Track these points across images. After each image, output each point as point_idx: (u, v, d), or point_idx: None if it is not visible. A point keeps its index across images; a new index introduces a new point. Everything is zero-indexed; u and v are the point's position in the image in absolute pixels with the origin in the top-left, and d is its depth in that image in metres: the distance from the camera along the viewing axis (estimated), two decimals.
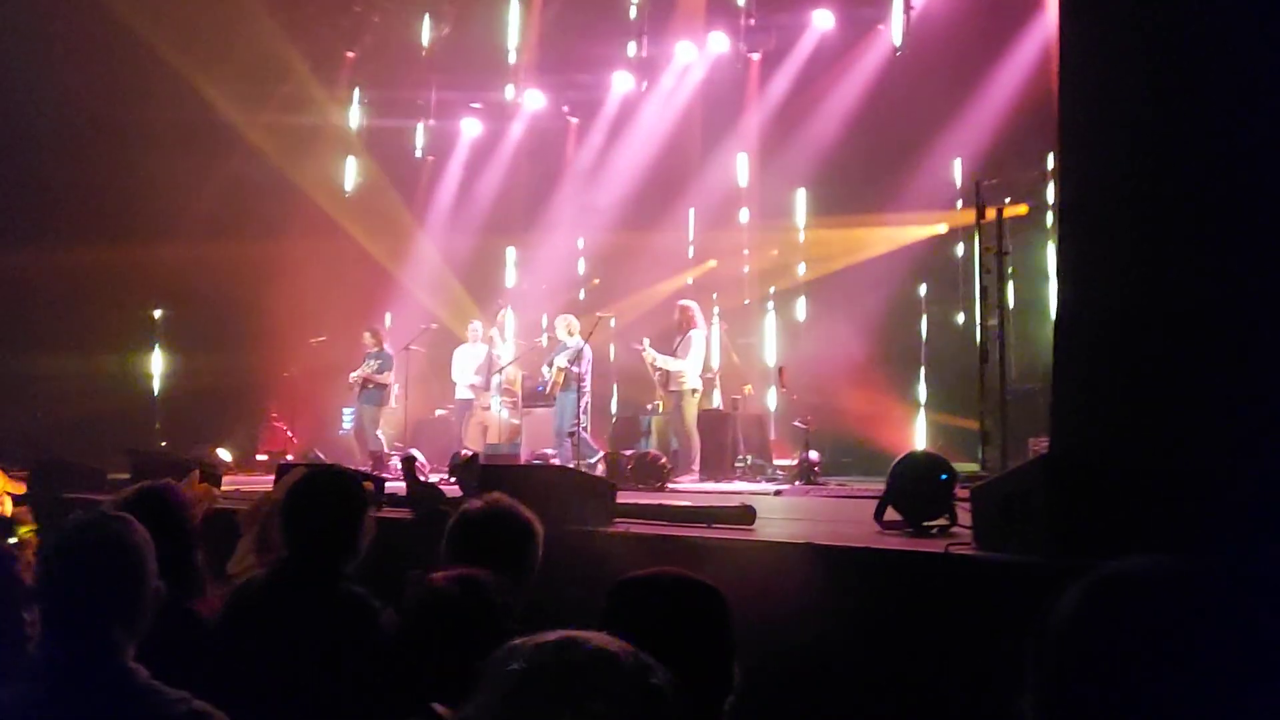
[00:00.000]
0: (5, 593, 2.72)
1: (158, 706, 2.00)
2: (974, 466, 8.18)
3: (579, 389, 10.51)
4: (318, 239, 13.09)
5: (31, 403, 11.04)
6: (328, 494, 3.08)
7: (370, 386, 11.60)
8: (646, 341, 10.55)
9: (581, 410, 10.50)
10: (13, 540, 3.74)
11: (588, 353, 10.59)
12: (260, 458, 12.00)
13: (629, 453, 9.30)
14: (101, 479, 7.75)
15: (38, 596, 2.14)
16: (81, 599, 2.06)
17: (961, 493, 4.93)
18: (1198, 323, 3.68)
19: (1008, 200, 9.59)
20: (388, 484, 6.87)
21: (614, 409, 12.91)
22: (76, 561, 2.10)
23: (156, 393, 12.82)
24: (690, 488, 9.02)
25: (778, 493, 8.42)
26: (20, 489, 5.20)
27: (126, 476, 7.31)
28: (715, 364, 11.53)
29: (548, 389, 11.06)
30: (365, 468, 10.22)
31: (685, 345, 10.42)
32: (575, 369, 10.51)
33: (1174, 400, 3.68)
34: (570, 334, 10.94)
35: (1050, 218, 10.72)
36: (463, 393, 11.99)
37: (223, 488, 7.53)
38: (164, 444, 11.88)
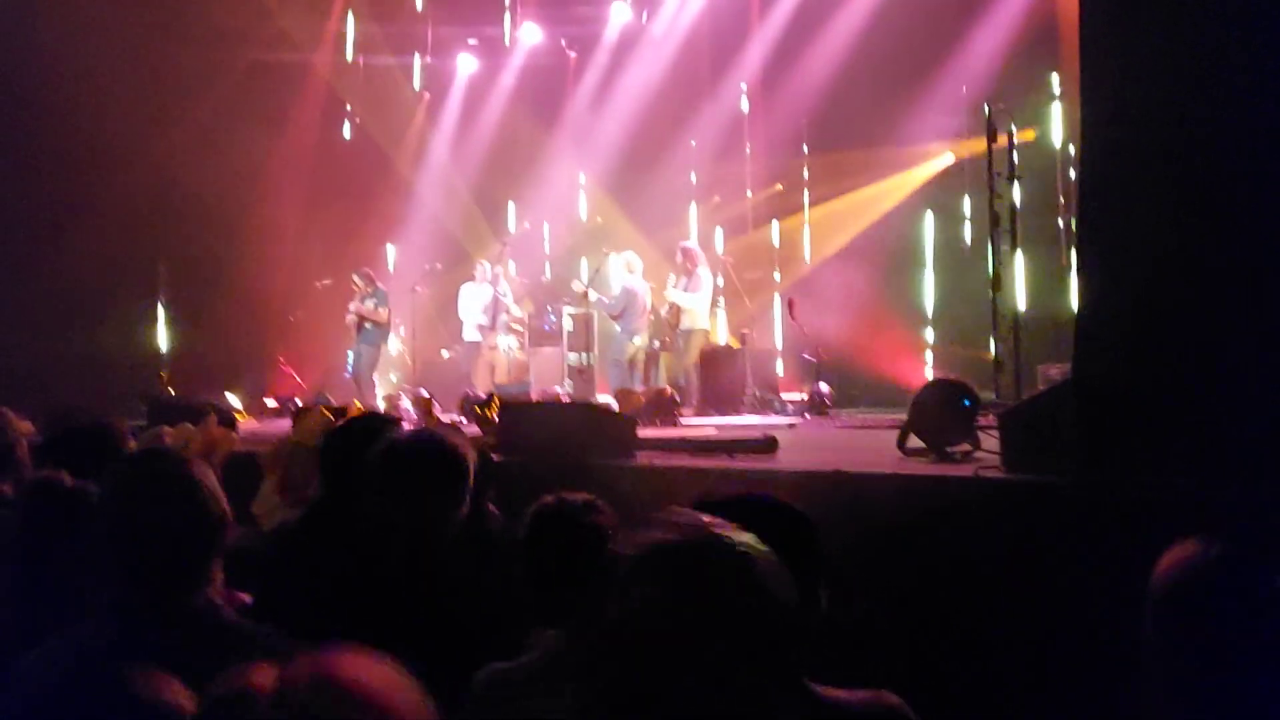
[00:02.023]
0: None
1: (241, 641, 1.99)
2: (989, 394, 8.18)
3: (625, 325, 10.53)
4: (318, 181, 12.96)
5: (38, 353, 11.01)
6: (367, 440, 2.97)
7: (368, 325, 11.52)
8: (672, 279, 10.55)
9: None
10: None
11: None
12: (269, 403, 12.00)
13: (641, 389, 9.30)
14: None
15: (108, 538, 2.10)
16: (152, 537, 2.04)
17: (982, 419, 4.95)
18: (1226, 243, 3.65)
19: (1015, 125, 9.50)
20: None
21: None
22: (143, 499, 2.08)
23: (163, 342, 12.78)
24: (704, 422, 9.04)
25: (791, 425, 8.43)
26: None
27: (143, 424, 7.31)
28: (721, 299, 11.51)
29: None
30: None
31: (694, 283, 10.39)
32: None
33: (1200, 320, 3.66)
34: (630, 271, 10.86)
35: (1058, 141, 10.65)
36: (470, 333, 11.96)
37: (236, 429, 7.55)
38: (173, 391, 11.88)
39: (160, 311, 12.76)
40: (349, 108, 13.99)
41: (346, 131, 13.99)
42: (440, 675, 2.34)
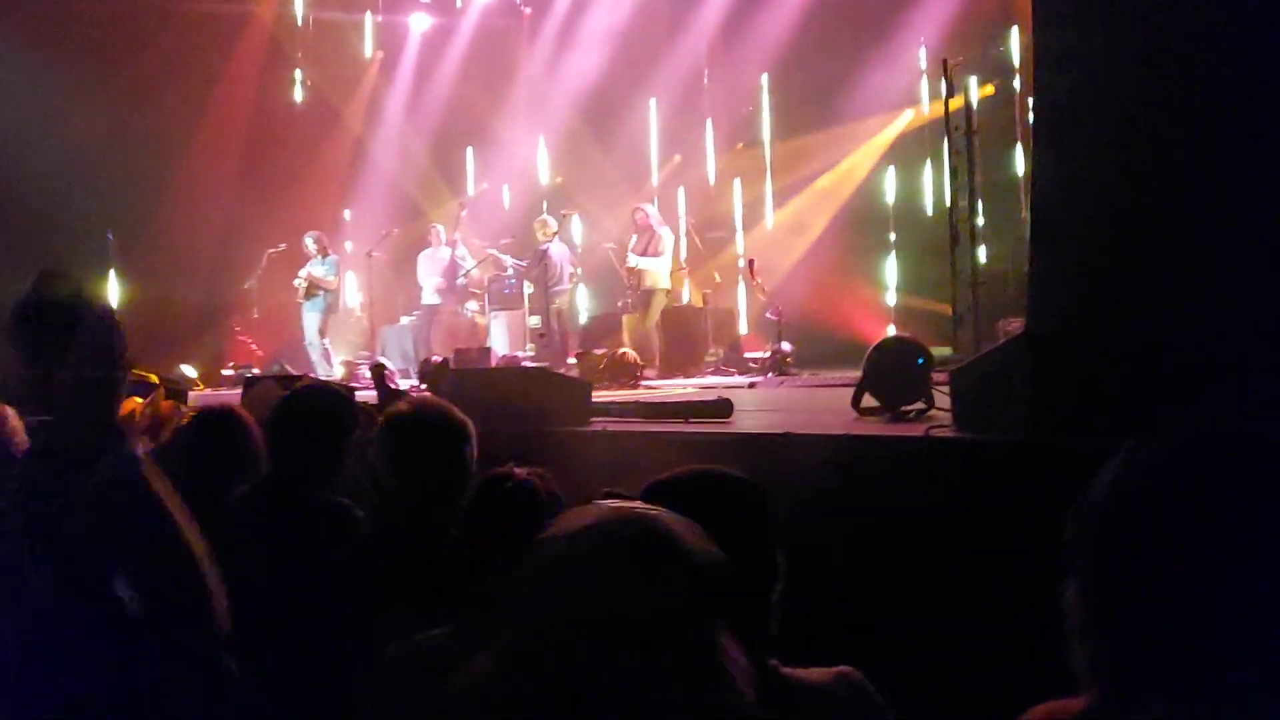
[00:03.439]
0: None
1: None
2: (947, 350, 8.18)
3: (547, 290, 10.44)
4: (270, 145, 12.70)
5: None
6: (313, 413, 3.01)
7: (318, 293, 11.36)
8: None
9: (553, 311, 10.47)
10: None
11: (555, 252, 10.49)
12: (226, 372, 11.83)
13: (600, 352, 9.23)
14: None
15: None
16: None
17: (938, 376, 4.93)
18: (1178, 194, 3.61)
19: (974, 78, 9.45)
20: (358, 393, 6.77)
21: (584, 309, 12.80)
22: None
23: (118, 309, 12.54)
24: (664, 384, 8.99)
25: (752, 384, 8.41)
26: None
27: None
28: (683, 260, 11.45)
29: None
30: (328, 378, 10.12)
31: (654, 244, 10.32)
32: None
33: (1152, 273, 3.63)
34: (544, 234, 10.77)
35: (1016, 96, 10.60)
36: (429, 297, 11.81)
37: (189, 403, 7.42)
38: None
39: (112, 282, 12.51)
40: (300, 68, 13.68)
41: (298, 94, 13.68)
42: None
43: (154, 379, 5.68)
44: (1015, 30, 10.51)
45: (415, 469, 2.73)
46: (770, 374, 9.12)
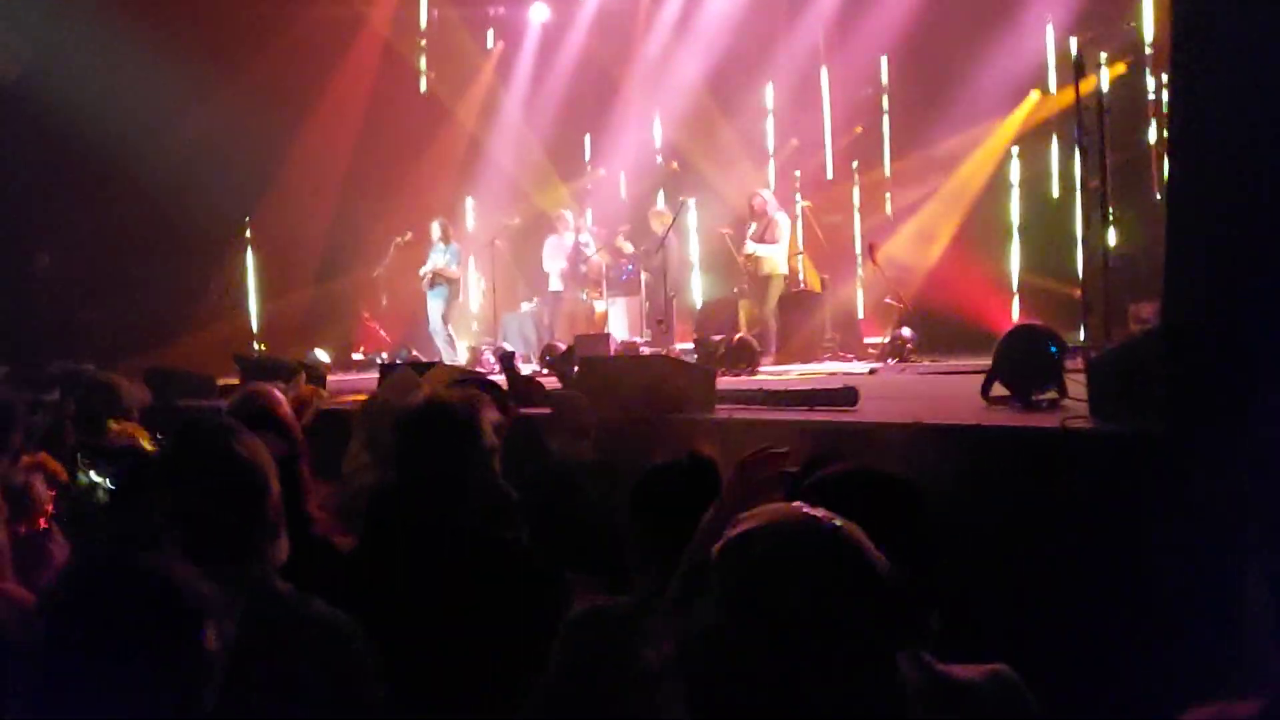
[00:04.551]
0: None
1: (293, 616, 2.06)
2: (1077, 335, 8.00)
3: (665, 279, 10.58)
4: (391, 138, 13.08)
5: (130, 305, 11.36)
6: (439, 433, 2.81)
7: (441, 281, 11.64)
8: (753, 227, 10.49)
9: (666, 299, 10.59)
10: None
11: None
12: (356, 357, 12.29)
13: (718, 338, 9.28)
14: (212, 385, 7.97)
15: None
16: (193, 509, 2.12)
17: (1070, 364, 4.85)
18: None
19: (1104, 55, 9.17)
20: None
21: (699, 294, 12.87)
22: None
23: (253, 301, 13.11)
24: (783, 370, 9.00)
25: (872, 371, 8.36)
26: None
27: (235, 382, 7.54)
28: (800, 244, 11.40)
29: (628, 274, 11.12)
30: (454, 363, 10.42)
31: (771, 230, 10.32)
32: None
33: None
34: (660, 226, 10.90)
35: (1149, 75, 10.24)
36: (554, 283, 12.06)
37: (325, 386, 7.75)
38: (263, 347, 12.22)
39: (250, 272, 13.09)
40: (421, 61, 14.04)
41: (421, 85, 14.04)
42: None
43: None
44: (1148, 3, 10.15)
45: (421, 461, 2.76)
46: (891, 360, 9.04)
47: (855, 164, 12.61)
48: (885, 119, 12.38)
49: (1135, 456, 3.41)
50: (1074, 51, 8.46)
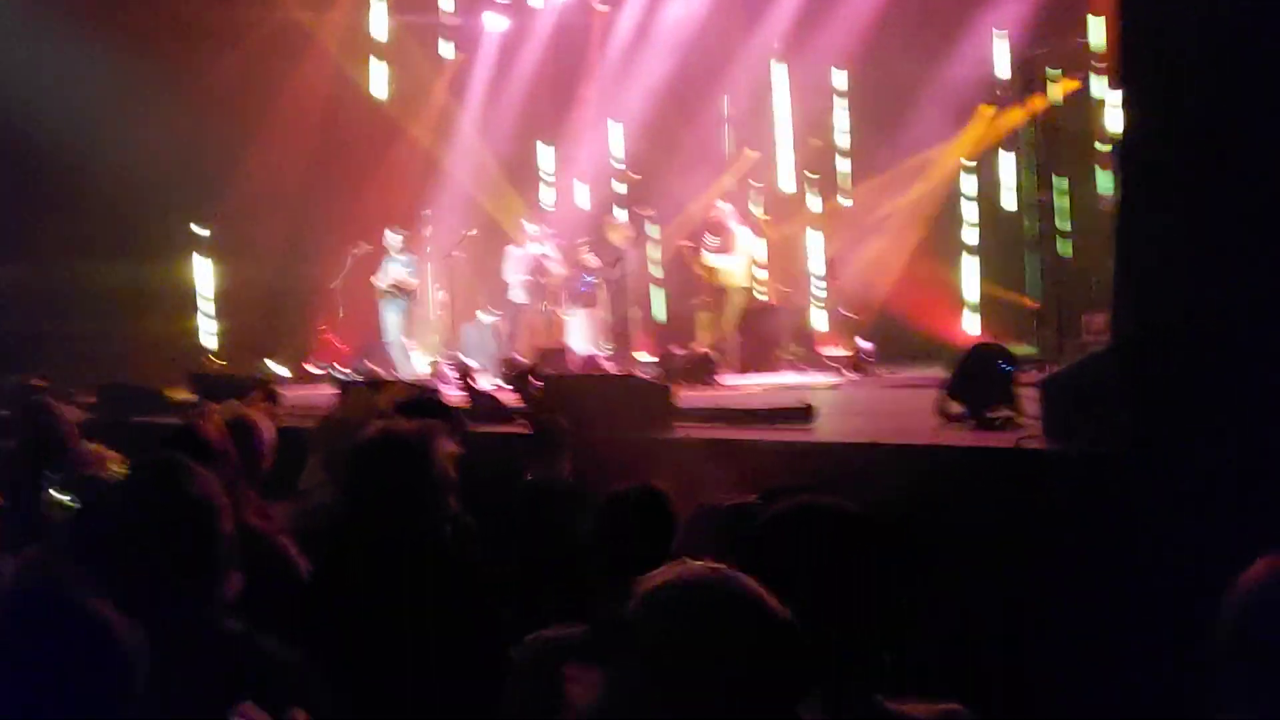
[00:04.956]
0: None
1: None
2: (1031, 348, 8.12)
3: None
4: (347, 146, 12.97)
5: (83, 318, 11.19)
6: (392, 462, 2.80)
7: (398, 293, 11.52)
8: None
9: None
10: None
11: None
12: (312, 369, 12.14)
13: (680, 352, 9.30)
14: (165, 401, 7.87)
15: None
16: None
17: (1026, 377, 4.92)
18: (1269, 196, 3.55)
19: (1055, 72, 9.31)
20: (446, 392, 6.93)
21: (660, 307, 12.87)
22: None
23: (204, 308, 12.93)
24: (744, 382, 9.03)
25: (835, 386, 8.41)
26: None
27: (190, 398, 7.43)
28: (760, 257, 11.44)
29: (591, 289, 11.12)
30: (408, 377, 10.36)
31: (729, 242, 10.35)
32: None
33: (1246, 278, 3.58)
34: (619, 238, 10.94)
35: (1097, 88, 10.40)
36: (514, 295, 12.01)
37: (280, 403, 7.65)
38: (221, 362, 12.06)
39: (205, 283, 12.92)
40: (378, 71, 13.93)
41: (378, 95, 13.93)
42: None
43: None
44: (1098, 21, 10.31)
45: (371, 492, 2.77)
46: (851, 373, 9.10)
47: (813, 176, 12.66)
48: (842, 132, 12.45)
49: (1088, 476, 3.46)
50: (1025, 67, 8.59)
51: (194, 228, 12.57)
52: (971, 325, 11.02)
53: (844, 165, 12.44)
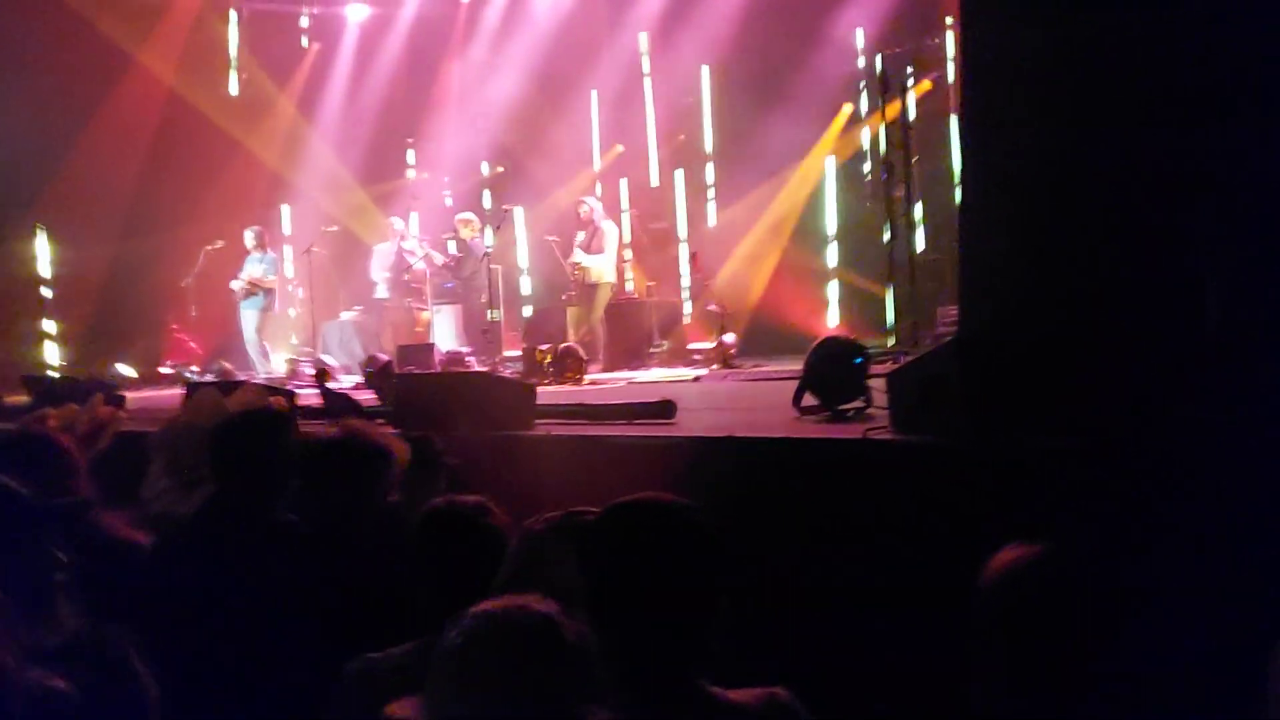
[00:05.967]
0: None
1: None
2: (888, 340, 8.33)
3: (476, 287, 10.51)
4: (202, 139, 12.48)
5: None
6: (257, 435, 3.06)
7: (256, 292, 11.22)
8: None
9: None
10: None
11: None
12: (164, 370, 11.66)
13: (545, 347, 9.24)
14: None
15: None
16: None
17: (877, 370, 5.03)
18: (1103, 198, 3.70)
19: (911, 70, 9.58)
20: (301, 393, 6.73)
21: (528, 302, 12.79)
22: None
23: (50, 312, 12.28)
24: (611, 378, 9.03)
25: (697, 379, 8.48)
26: None
27: (24, 400, 7.05)
28: (627, 252, 11.48)
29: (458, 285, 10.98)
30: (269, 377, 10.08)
31: (597, 239, 10.34)
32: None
33: (1081, 277, 3.72)
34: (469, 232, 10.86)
35: (951, 88, 10.76)
36: (379, 292, 11.78)
37: (127, 406, 7.31)
38: (63, 363, 11.49)
39: (44, 282, 12.26)
40: (234, 60, 13.46)
41: (233, 86, 13.46)
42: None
43: None
44: (951, 21, 10.67)
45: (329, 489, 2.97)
46: (715, 367, 9.19)
47: (679, 171, 12.77)
48: (707, 128, 12.58)
49: (932, 467, 3.54)
50: (880, 68, 8.81)
51: (34, 224, 11.94)
52: (833, 315, 11.29)
53: (710, 162, 12.58)
